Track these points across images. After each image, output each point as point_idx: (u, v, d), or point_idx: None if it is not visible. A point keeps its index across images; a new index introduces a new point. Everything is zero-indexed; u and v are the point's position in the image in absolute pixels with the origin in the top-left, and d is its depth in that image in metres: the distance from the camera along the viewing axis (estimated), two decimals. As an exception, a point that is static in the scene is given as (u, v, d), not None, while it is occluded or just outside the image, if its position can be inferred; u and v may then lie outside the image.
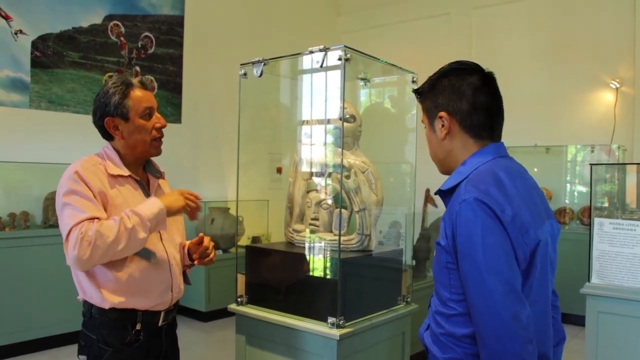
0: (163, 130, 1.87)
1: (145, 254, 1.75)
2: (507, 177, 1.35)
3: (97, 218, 1.63)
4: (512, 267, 1.26)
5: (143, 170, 1.92)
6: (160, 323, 1.83)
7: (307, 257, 2.54)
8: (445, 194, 1.47)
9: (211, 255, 1.97)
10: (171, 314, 1.89)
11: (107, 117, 1.78)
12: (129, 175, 1.82)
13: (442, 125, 1.45)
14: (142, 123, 1.80)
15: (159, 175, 1.97)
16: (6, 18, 4.59)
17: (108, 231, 1.60)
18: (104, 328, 1.72)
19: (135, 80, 1.83)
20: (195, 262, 1.99)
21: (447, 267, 1.37)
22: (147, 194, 1.87)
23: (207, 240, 1.98)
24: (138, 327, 1.75)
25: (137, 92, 1.80)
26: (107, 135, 1.83)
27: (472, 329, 1.32)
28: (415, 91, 1.55)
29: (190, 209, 1.81)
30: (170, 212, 1.76)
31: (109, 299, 1.70)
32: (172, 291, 1.85)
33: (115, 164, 1.80)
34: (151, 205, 1.70)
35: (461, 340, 1.35)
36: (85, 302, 1.77)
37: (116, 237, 1.60)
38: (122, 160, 1.82)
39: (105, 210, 1.70)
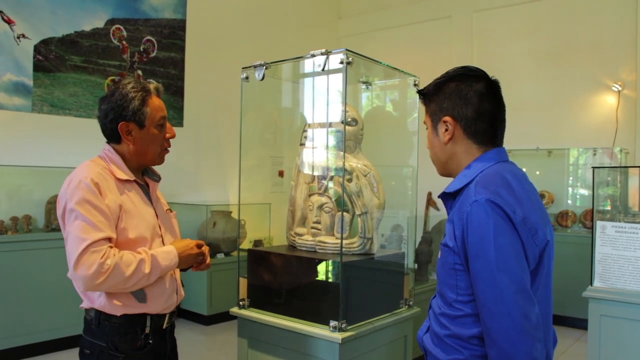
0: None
1: (139, 294, 1.74)
2: (514, 179, 1.38)
3: (110, 239, 1.63)
4: (523, 267, 1.29)
5: (141, 174, 1.90)
6: (164, 325, 1.83)
7: (309, 261, 2.54)
8: (448, 196, 1.49)
9: (207, 261, 1.96)
10: (174, 316, 1.90)
11: (122, 121, 1.74)
12: (134, 180, 1.81)
13: (446, 130, 1.47)
14: (156, 133, 1.79)
15: (157, 178, 1.94)
16: (9, 22, 4.61)
17: (126, 267, 1.61)
18: (115, 334, 1.71)
19: (152, 87, 1.80)
20: (192, 267, 1.98)
21: (454, 268, 1.38)
22: (149, 198, 1.87)
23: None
24: (147, 331, 1.76)
25: (154, 101, 1.78)
26: (115, 138, 1.79)
27: (479, 330, 1.33)
28: (420, 92, 1.56)
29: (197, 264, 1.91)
30: (179, 266, 1.81)
31: (123, 306, 1.70)
32: (177, 294, 1.87)
33: (121, 168, 1.77)
34: (170, 257, 1.75)
35: (468, 342, 1.36)
36: (91, 310, 1.74)
37: (131, 275, 1.62)
38: (125, 164, 1.81)
39: (118, 220, 1.69)
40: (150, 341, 1.77)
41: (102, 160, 1.79)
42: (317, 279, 2.50)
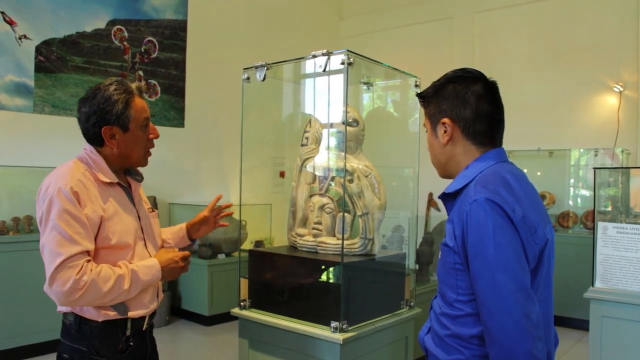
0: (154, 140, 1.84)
1: (119, 307, 1.71)
2: (513, 179, 1.38)
3: (88, 252, 1.60)
4: (522, 265, 1.29)
5: (123, 174, 1.85)
6: (144, 327, 1.82)
7: (310, 262, 2.54)
8: (449, 197, 1.49)
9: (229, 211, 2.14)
10: (153, 317, 1.88)
11: (106, 125, 1.68)
12: (117, 182, 1.76)
13: (445, 131, 1.48)
14: (140, 135, 1.74)
15: (140, 178, 1.90)
16: (10, 23, 4.61)
17: (103, 283, 1.58)
18: (96, 339, 1.68)
19: (134, 87, 1.75)
20: (218, 223, 2.14)
21: (454, 267, 1.39)
22: (132, 199, 1.83)
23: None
24: (128, 333, 1.74)
25: (138, 102, 1.73)
26: (97, 142, 1.73)
27: (480, 329, 1.33)
28: (419, 95, 1.57)
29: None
30: (162, 279, 1.79)
31: (106, 312, 1.68)
32: (157, 297, 1.86)
33: (103, 172, 1.72)
34: (152, 272, 1.72)
35: (469, 342, 1.36)
36: (70, 314, 1.70)
37: (109, 291, 1.60)
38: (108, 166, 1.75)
39: (99, 228, 1.65)
40: (131, 343, 1.76)
41: (82, 162, 1.73)
42: (318, 279, 2.50)
